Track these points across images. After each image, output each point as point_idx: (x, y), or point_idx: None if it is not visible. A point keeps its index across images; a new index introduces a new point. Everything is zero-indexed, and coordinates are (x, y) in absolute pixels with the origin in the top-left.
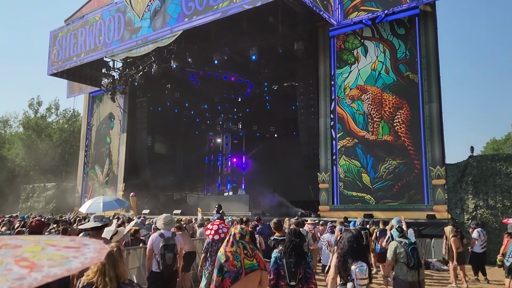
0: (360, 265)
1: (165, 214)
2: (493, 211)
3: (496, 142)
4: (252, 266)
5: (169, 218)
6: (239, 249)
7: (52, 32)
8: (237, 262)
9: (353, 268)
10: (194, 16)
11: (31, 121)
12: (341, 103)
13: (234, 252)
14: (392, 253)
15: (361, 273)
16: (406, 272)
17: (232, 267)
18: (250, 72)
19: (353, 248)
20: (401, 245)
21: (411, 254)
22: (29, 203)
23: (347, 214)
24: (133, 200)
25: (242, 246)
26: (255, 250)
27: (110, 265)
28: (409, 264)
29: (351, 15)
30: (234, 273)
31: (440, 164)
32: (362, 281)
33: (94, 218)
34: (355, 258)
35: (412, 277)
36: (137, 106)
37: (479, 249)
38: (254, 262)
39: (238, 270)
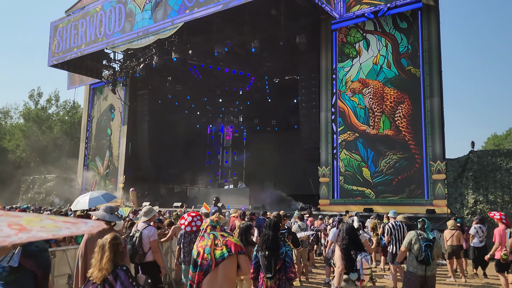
0: (364, 254)
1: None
2: (493, 206)
3: (497, 137)
4: (222, 254)
5: (146, 208)
6: (210, 241)
7: (53, 23)
8: (207, 255)
9: (359, 258)
10: (196, 8)
11: (32, 113)
12: (342, 97)
13: (204, 246)
14: (408, 242)
15: (366, 263)
16: (417, 265)
17: (203, 260)
18: (251, 65)
19: (353, 239)
20: (418, 238)
21: (423, 250)
22: (29, 194)
23: (347, 208)
24: (133, 195)
25: (213, 236)
26: (228, 237)
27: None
28: (418, 259)
29: (353, 8)
30: (205, 266)
31: (441, 159)
32: (367, 270)
33: (109, 210)
34: (357, 249)
35: (422, 271)
36: (138, 98)
37: (478, 243)
38: (224, 250)
39: (209, 263)
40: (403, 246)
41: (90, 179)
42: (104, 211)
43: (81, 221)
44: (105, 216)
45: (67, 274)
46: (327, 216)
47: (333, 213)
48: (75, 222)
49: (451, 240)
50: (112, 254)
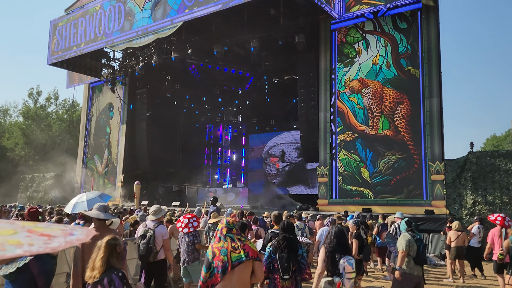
0: (348, 259)
1: (155, 204)
2: (491, 207)
3: (496, 138)
4: (239, 258)
5: (155, 208)
6: (226, 243)
7: (52, 21)
8: (224, 257)
9: (342, 262)
10: (195, 7)
11: (31, 111)
12: (341, 97)
13: (220, 248)
14: (407, 244)
15: (349, 267)
16: (413, 266)
17: (219, 262)
18: (250, 65)
19: (340, 242)
20: (414, 240)
21: (421, 251)
22: (28, 192)
23: (346, 208)
24: (137, 188)
25: (230, 239)
26: (245, 241)
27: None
28: (416, 260)
29: (353, 8)
30: (221, 267)
31: (440, 159)
32: (350, 275)
33: (102, 208)
34: (343, 253)
35: (418, 272)
36: (137, 97)
37: (477, 243)
38: (241, 254)
39: (225, 264)
40: (403, 249)
41: (89, 178)
42: (98, 209)
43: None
44: (99, 214)
45: (66, 273)
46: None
47: (332, 213)
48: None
49: (457, 242)
50: (107, 255)
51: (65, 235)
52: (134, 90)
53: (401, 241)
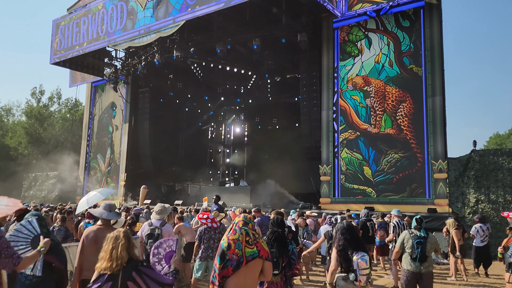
0: (361, 255)
1: (159, 203)
2: (494, 205)
3: (499, 136)
4: (253, 253)
5: (160, 207)
6: (242, 236)
7: (55, 21)
8: (239, 251)
9: (355, 259)
10: (197, 6)
11: (34, 110)
12: (344, 96)
13: (236, 240)
14: (401, 241)
15: (363, 263)
16: (410, 262)
17: (233, 255)
18: (253, 63)
19: (348, 239)
20: (410, 236)
21: (415, 247)
22: (31, 191)
23: (348, 206)
24: (143, 192)
25: (245, 232)
26: (258, 238)
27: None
28: (412, 256)
29: (355, 6)
30: (235, 261)
31: (442, 158)
32: (364, 271)
33: (107, 207)
34: (355, 249)
35: (416, 268)
36: (140, 96)
37: (480, 243)
38: (254, 249)
39: (239, 259)
40: (397, 246)
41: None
42: (103, 208)
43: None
44: (102, 214)
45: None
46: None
47: (334, 212)
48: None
49: (462, 240)
50: (127, 244)
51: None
52: (137, 89)
53: (398, 239)
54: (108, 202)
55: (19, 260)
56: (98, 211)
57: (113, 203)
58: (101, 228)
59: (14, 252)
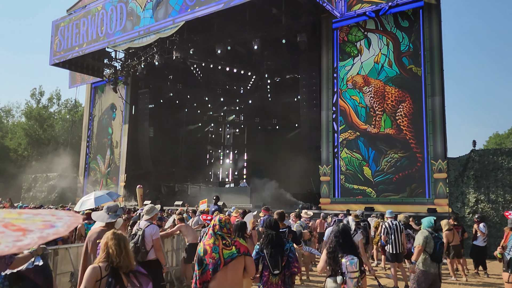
0: (350, 258)
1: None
2: (494, 205)
3: (499, 136)
4: (231, 254)
5: (149, 207)
6: (218, 240)
7: (54, 22)
8: (215, 254)
9: (344, 261)
10: (197, 7)
11: (34, 111)
12: (343, 96)
13: (212, 245)
14: (424, 240)
15: (351, 266)
16: (430, 263)
17: (211, 259)
18: (252, 64)
19: (340, 242)
20: (432, 237)
21: (438, 248)
22: (31, 192)
23: (348, 207)
24: (139, 192)
25: (221, 237)
26: (235, 238)
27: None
28: (433, 257)
29: (354, 7)
30: (213, 265)
31: (442, 158)
32: (353, 274)
33: (107, 210)
34: (344, 252)
35: (434, 269)
36: (139, 97)
37: (482, 242)
38: (233, 250)
39: (217, 262)
40: (419, 244)
41: (90, 177)
42: (104, 211)
43: (51, 224)
44: (103, 218)
45: (70, 272)
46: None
47: (335, 212)
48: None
49: (455, 240)
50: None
51: (45, 227)
52: (136, 90)
53: (419, 236)
54: (109, 204)
55: (12, 260)
56: (98, 215)
57: (113, 204)
58: (104, 229)
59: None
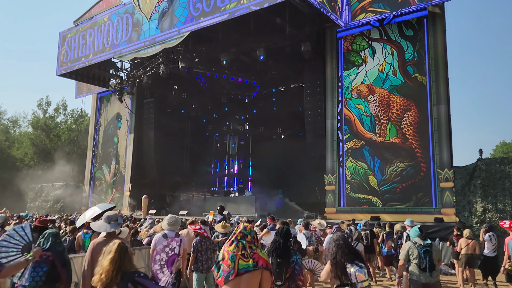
0: (359, 267)
1: (170, 214)
2: (502, 214)
3: (505, 145)
4: (247, 267)
5: (173, 219)
6: (237, 248)
7: (61, 33)
8: (231, 262)
9: (353, 271)
10: (202, 17)
11: (40, 121)
12: (348, 105)
13: (230, 252)
14: (405, 253)
15: (361, 275)
16: (419, 273)
17: (226, 266)
18: (257, 73)
19: (346, 251)
20: (415, 246)
21: (423, 256)
22: (37, 202)
23: (354, 216)
24: (145, 202)
25: (242, 246)
26: (256, 249)
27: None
28: (421, 266)
29: (358, 16)
30: (226, 272)
31: (448, 166)
32: (363, 284)
33: (107, 219)
34: (350, 260)
35: (426, 278)
36: (145, 106)
37: (492, 253)
38: (249, 263)
39: (230, 270)
40: (401, 259)
41: (96, 187)
42: (104, 221)
43: None
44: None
45: (74, 283)
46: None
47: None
48: None
49: (466, 249)
50: (117, 257)
51: None
52: (142, 99)
53: (402, 251)
54: (108, 213)
55: (1, 268)
56: (98, 225)
57: (113, 213)
58: (106, 239)
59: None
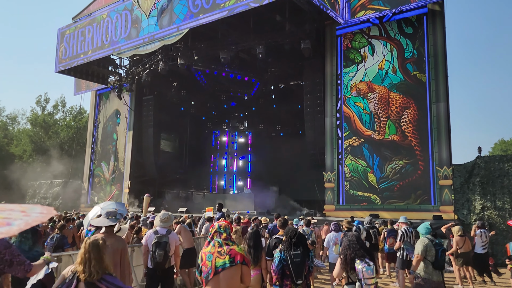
0: (367, 264)
1: (163, 211)
2: (500, 212)
3: (504, 143)
4: (223, 264)
5: (165, 216)
6: (214, 247)
7: (60, 29)
8: (209, 262)
9: (360, 268)
10: (201, 14)
11: (39, 118)
12: (347, 102)
13: (207, 252)
14: (423, 249)
15: (368, 273)
16: (432, 271)
17: (204, 267)
18: (256, 71)
19: (356, 247)
20: (432, 244)
21: (440, 256)
22: (36, 199)
23: (353, 214)
24: (147, 200)
25: (218, 244)
26: (232, 246)
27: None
28: (435, 265)
29: (358, 13)
30: (205, 273)
31: (447, 164)
32: (369, 281)
33: (106, 215)
34: (360, 257)
35: (437, 277)
36: (144, 103)
37: (481, 249)
38: (226, 260)
39: (208, 270)
40: (419, 253)
41: (95, 184)
42: (104, 216)
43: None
44: (104, 222)
45: None
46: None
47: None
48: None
49: (464, 247)
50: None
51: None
52: (141, 96)
53: (418, 245)
54: (108, 209)
55: (30, 267)
56: (97, 221)
57: (112, 209)
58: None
59: (25, 260)
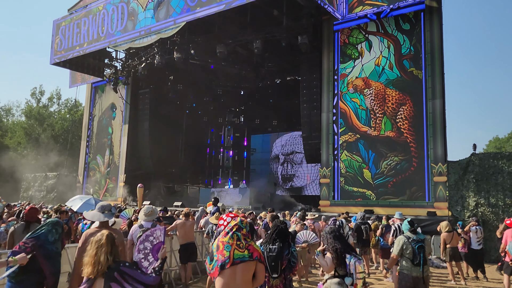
0: (357, 258)
1: (147, 205)
2: (494, 209)
3: (499, 140)
4: (242, 257)
5: (149, 209)
6: (232, 239)
7: (55, 21)
8: (226, 252)
9: (352, 262)
10: (198, 7)
11: (34, 110)
12: (344, 98)
13: (225, 242)
14: (399, 248)
15: (359, 267)
16: (411, 267)
17: (220, 256)
18: (253, 65)
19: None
20: (409, 242)
21: (417, 252)
22: (30, 192)
23: (348, 209)
24: (140, 191)
25: (236, 237)
26: (250, 242)
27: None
28: (414, 261)
29: (356, 9)
30: (221, 261)
31: (442, 161)
32: (360, 275)
33: (101, 209)
34: (347, 251)
35: (417, 273)
36: (140, 97)
37: (476, 245)
38: (245, 253)
39: (225, 259)
40: (394, 253)
41: (90, 177)
42: (98, 210)
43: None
44: (96, 217)
45: (67, 272)
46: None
47: (334, 214)
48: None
49: (453, 243)
50: (109, 247)
51: None
52: (137, 90)
53: (394, 245)
54: (102, 203)
55: None
56: (91, 214)
57: (106, 203)
58: (99, 230)
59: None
